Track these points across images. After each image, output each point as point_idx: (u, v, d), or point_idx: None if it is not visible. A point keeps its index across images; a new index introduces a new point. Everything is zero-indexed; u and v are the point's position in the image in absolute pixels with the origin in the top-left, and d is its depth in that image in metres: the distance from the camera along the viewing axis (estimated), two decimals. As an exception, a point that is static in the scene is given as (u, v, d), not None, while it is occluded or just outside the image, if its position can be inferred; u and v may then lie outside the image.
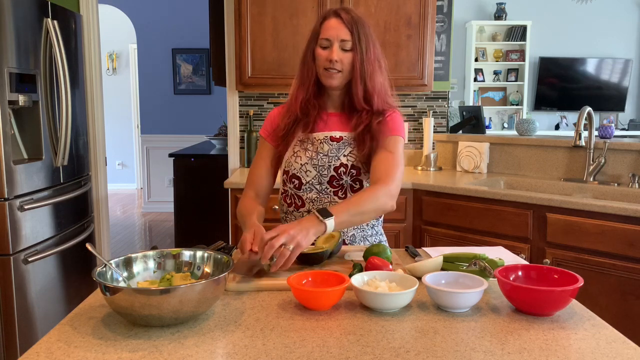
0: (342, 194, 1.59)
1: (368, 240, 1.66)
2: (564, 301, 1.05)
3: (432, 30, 3.03)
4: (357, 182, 1.59)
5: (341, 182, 1.58)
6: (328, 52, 1.52)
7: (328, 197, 1.59)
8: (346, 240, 1.63)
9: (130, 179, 8.21)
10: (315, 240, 1.46)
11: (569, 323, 1.04)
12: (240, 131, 3.42)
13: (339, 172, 1.58)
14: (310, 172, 1.59)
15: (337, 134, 1.60)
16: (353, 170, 1.58)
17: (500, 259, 1.26)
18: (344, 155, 1.58)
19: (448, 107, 3.51)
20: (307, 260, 1.35)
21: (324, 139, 1.60)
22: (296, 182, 1.61)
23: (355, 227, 1.63)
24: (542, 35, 6.82)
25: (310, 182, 1.60)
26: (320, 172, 1.59)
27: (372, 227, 1.68)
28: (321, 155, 1.59)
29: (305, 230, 1.27)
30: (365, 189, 1.48)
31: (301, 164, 1.60)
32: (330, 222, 1.32)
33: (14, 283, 2.41)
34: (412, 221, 2.83)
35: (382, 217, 1.72)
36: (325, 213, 1.32)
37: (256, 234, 1.30)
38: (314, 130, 1.60)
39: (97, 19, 3.55)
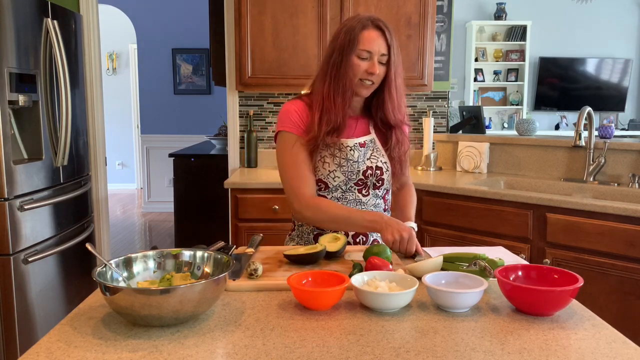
0: (365, 192, 1.63)
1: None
2: (564, 301, 1.05)
3: (432, 30, 3.03)
4: (380, 181, 1.64)
5: (366, 182, 1.62)
6: (368, 65, 1.51)
7: (353, 194, 1.62)
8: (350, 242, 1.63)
9: (130, 179, 8.22)
10: (319, 239, 1.47)
11: (569, 323, 1.04)
12: (240, 131, 3.42)
13: (367, 174, 1.62)
14: (339, 177, 1.60)
15: (362, 139, 1.62)
16: (377, 171, 1.63)
17: (500, 259, 1.26)
18: (368, 159, 1.62)
19: (448, 107, 3.51)
20: (302, 260, 1.35)
21: (354, 146, 1.60)
22: (322, 185, 1.61)
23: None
24: (542, 35, 6.82)
25: (337, 185, 1.61)
26: (349, 177, 1.60)
27: None
28: (351, 162, 1.59)
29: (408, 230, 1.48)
30: (409, 191, 1.78)
31: (329, 171, 1.59)
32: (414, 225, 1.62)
33: (14, 283, 2.41)
34: (412, 221, 2.82)
35: None
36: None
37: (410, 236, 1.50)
38: (343, 135, 1.58)
39: (97, 19, 3.55)
